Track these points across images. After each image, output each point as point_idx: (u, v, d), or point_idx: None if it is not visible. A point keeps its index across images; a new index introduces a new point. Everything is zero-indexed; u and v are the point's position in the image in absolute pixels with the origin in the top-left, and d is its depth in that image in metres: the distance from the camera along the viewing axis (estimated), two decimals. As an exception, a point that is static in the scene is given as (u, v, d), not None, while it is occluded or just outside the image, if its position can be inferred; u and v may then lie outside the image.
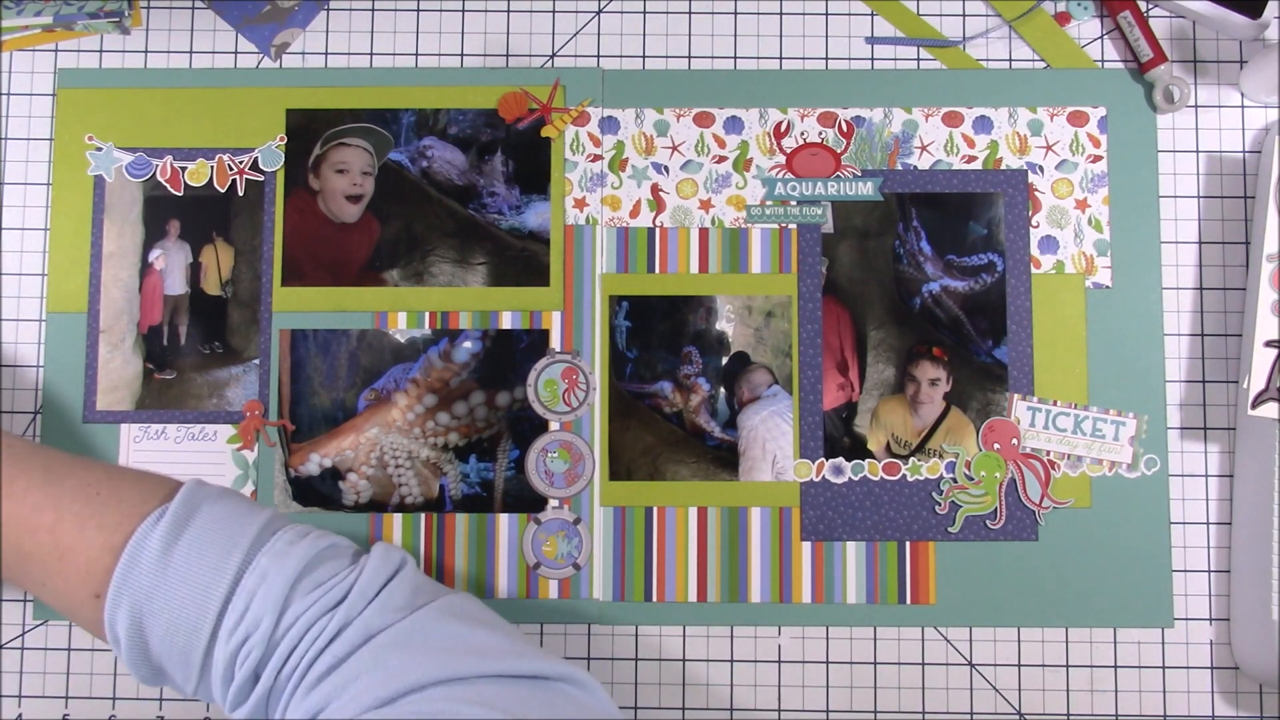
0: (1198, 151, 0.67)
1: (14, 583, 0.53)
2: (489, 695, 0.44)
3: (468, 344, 0.65)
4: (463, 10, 0.68)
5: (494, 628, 0.51)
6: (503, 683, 0.46)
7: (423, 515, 0.65)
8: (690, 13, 0.68)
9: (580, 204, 0.66)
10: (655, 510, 0.65)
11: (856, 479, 0.64)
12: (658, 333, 0.65)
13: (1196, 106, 0.67)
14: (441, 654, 0.46)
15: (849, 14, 0.68)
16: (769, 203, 0.66)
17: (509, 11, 0.68)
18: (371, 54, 0.68)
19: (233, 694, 0.48)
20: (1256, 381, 0.61)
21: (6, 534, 0.50)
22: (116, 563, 0.49)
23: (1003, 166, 0.66)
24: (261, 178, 0.66)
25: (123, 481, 0.53)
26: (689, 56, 0.68)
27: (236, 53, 0.68)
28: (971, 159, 0.66)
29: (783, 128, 0.67)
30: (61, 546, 0.49)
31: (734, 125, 0.67)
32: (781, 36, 0.68)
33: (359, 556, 0.53)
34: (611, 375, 0.65)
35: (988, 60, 0.68)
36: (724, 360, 0.65)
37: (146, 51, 0.68)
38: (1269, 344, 0.61)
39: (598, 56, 0.68)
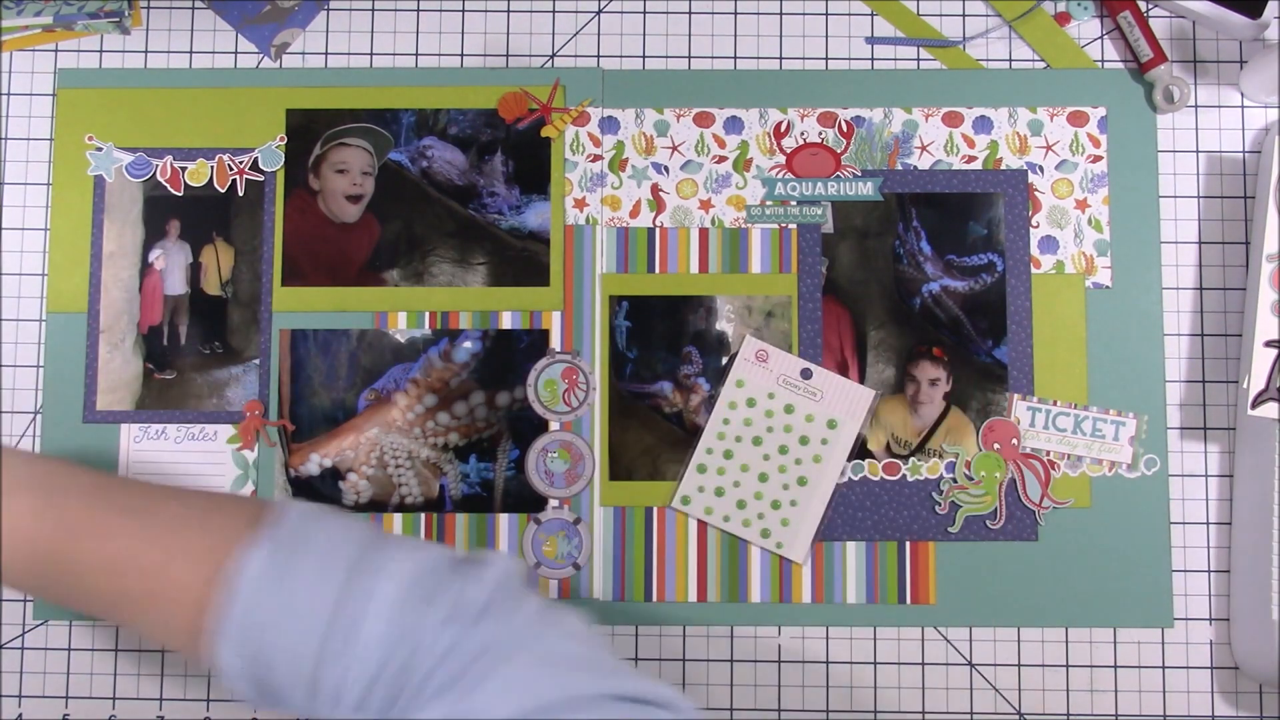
0: (1198, 151, 0.67)
1: (113, 622, 0.51)
2: (613, 714, 0.44)
3: (468, 344, 0.65)
4: (463, 10, 0.68)
5: (604, 647, 0.50)
6: (623, 705, 0.45)
7: (423, 515, 0.65)
8: (690, 13, 0.68)
9: (580, 204, 0.66)
10: (655, 510, 0.65)
11: (856, 479, 0.64)
12: (658, 333, 0.65)
13: (1196, 106, 0.67)
14: (565, 668, 0.45)
15: (849, 14, 0.68)
16: (769, 203, 0.66)
17: (509, 11, 0.68)
18: (371, 54, 0.68)
19: (355, 713, 0.46)
20: (1256, 381, 0.61)
21: (98, 579, 0.48)
22: (212, 595, 0.46)
23: (1003, 166, 0.66)
24: (261, 178, 0.66)
25: (209, 511, 0.50)
26: (689, 56, 0.68)
27: (236, 53, 0.68)
28: (971, 159, 0.66)
29: (783, 128, 0.67)
30: (153, 585, 0.47)
31: (734, 125, 0.67)
32: (781, 36, 0.68)
33: (467, 564, 0.50)
34: (611, 375, 0.65)
35: (988, 60, 0.68)
36: (724, 360, 0.65)
37: (146, 51, 0.68)
38: (1269, 344, 0.61)
39: (598, 56, 0.68)
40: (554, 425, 0.65)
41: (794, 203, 0.66)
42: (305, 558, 0.47)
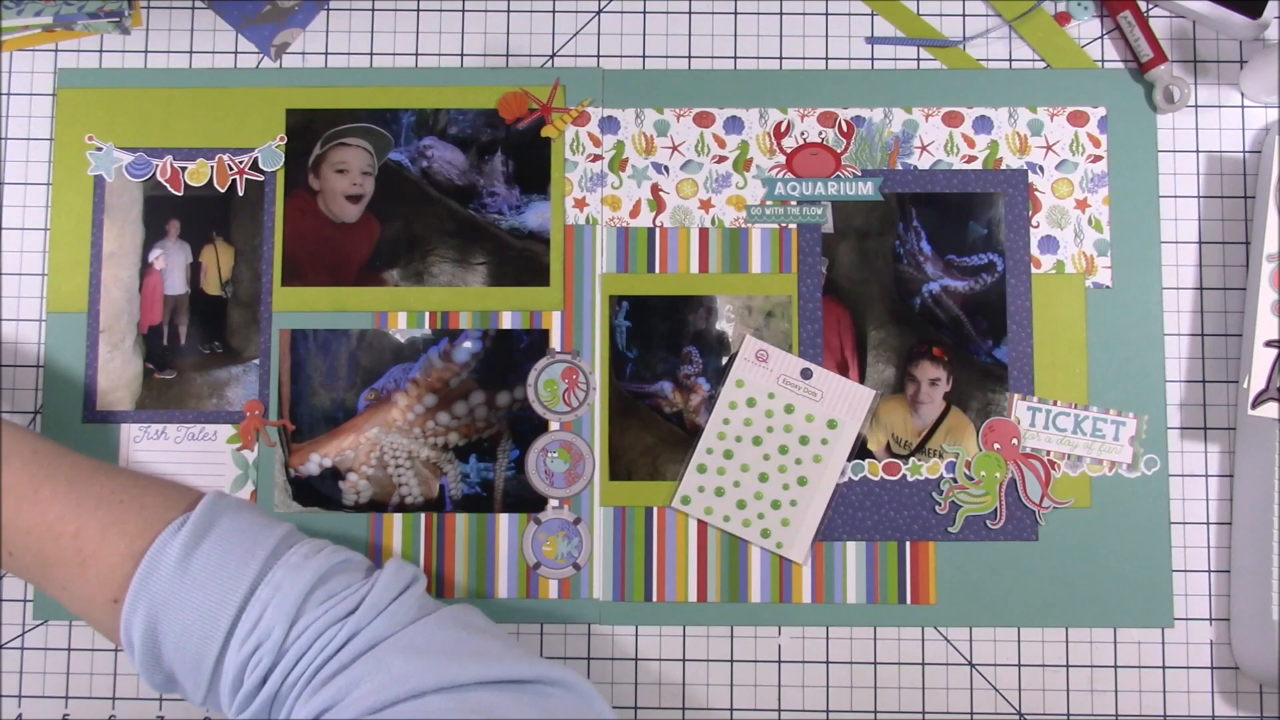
0: (1198, 151, 0.67)
1: (38, 586, 0.54)
2: (486, 702, 0.45)
3: (468, 344, 0.65)
4: (463, 10, 0.68)
5: (493, 635, 0.52)
6: (500, 689, 0.47)
7: (423, 515, 0.65)
8: (690, 13, 0.68)
9: (580, 204, 0.66)
10: (655, 510, 0.65)
11: (856, 479, 0.64)
12: (658, 333, 0.65)
13: (1196, 106, 0.67)
14: (442, 658, 0.47)
15: (849, 14, 0.68)
16: (769, 203, 0.66)
17: (509, 11, 0.68)
18: (371, 54, 0.68)
19: (239, 700, 0.49)
20: (1256, 381, 0.61)
21: (30, 541, 0.51)
22: (136, 569, 0.49)
23: (1003, 166, 0.66)
24: (261, 178, 0.67)
25: (146, 490, 0.54)
26: (689, 56, 0.68)
27: (236, 53, 0.68)
28: (971, 159, 0.66)
29: (783, 128, 0.67)
30: (84, 553, 0.50)
31: (734, 125, 0.67)
32: (781, 36, 0.68)
33: (371, 571, 0.54)
34: (611, 375, 0.65)
35: (988, 60, 0.68)
36: (724, 360, 0.65)
37: (146, 51, 0.68)
38: (1269, 344, 0.61)
39: (598, 56, 0.68)
40: (554, 425, 0.65)
41: (794, 203, 0.66)
42: (222, 546, 0.50)
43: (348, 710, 0.45)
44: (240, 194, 0.66)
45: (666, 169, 0.67)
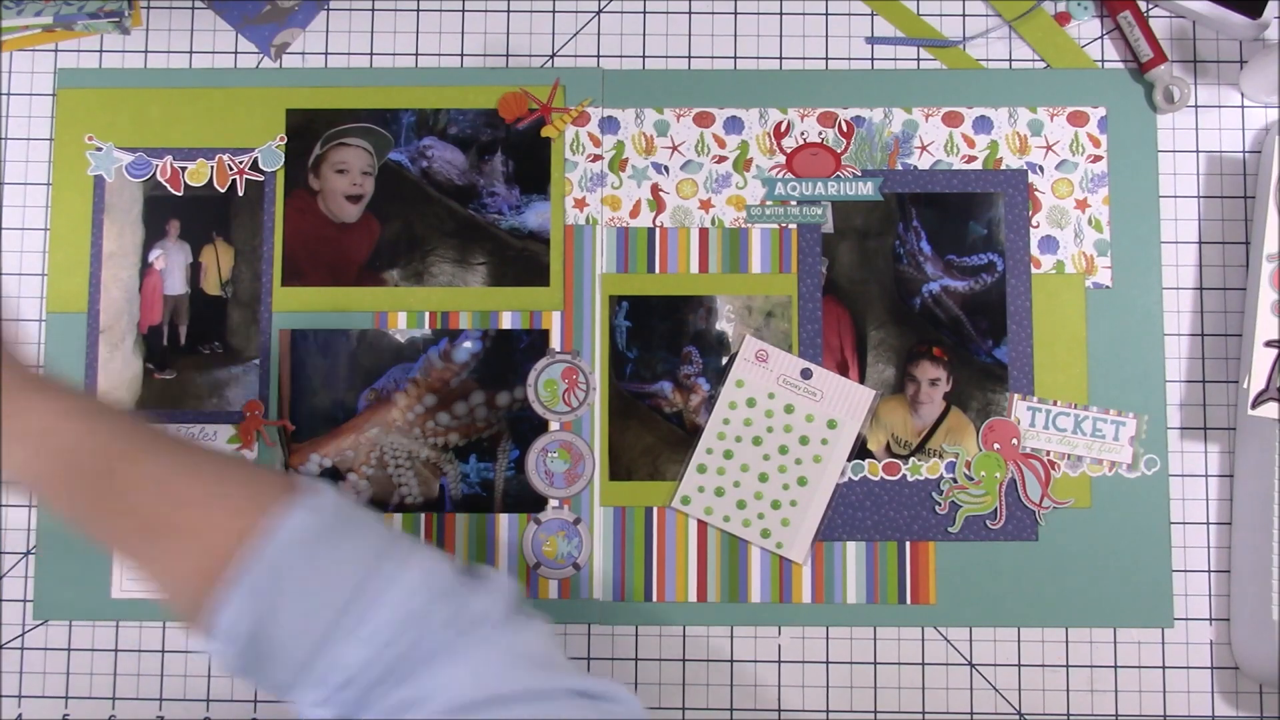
0: (1198, 151, 0.67)
1: (119, 547, 0.50)
2: (565, 708, 0.45)
3: (468, 344, 0.65)
4: (463, 10, 0.68)
5: (561, 649, 0.53)
6: (573, 698, 0.47)
7: (423, 515, 0.65)
8: (690, 13, 0.68)
9: (580, 204, 0.66)
10: (655, 510, 0.65)
11: (856, 479, 0.64)
12: (658, 333, 0.65)
13: (1196, 106, 0.67)
14: (526, 664, 0.47)
15: (849, 14, 0.68)
16: (769, 203, 0.66)
17: (509, 11, 0.68)
18: (371, 54, 0.68)
19: (340, 699, 0.47)
20: (1256, 381, 0.61)
21: (137, 500, 0.48)
22: (240, 547, 0.47)
23: (1003, 166, 0.66)
24: (261, 178, 0.67)
25: (240, 465, 0.52)
26: (689, 56, 0.68)
27: (236, 53, 0.68)
28: (971, 159, 0.66)
29: (783, 128, 0.67)
30: (190, 519, 0.48)
31: (734, 125, 0.67)
32: (781, 36, 0.68)
33: (473, 576, 0.53)
34: (611, 375, 0.65)
35: (988, 60, 0.68)
36: (724, 360, 0.65)
37: (146, 51, 0.68)
38: (1269, 344, 0.61)
39: (598, 56, 0.68)
40: (554, 425, 0.65)
41: (794, 203, 0.66)
42: (338, 534, 0.48)
43: (433, 707, 0.45)
44: (240, 194, 0.66)
45: (666, 169, 0.67)
